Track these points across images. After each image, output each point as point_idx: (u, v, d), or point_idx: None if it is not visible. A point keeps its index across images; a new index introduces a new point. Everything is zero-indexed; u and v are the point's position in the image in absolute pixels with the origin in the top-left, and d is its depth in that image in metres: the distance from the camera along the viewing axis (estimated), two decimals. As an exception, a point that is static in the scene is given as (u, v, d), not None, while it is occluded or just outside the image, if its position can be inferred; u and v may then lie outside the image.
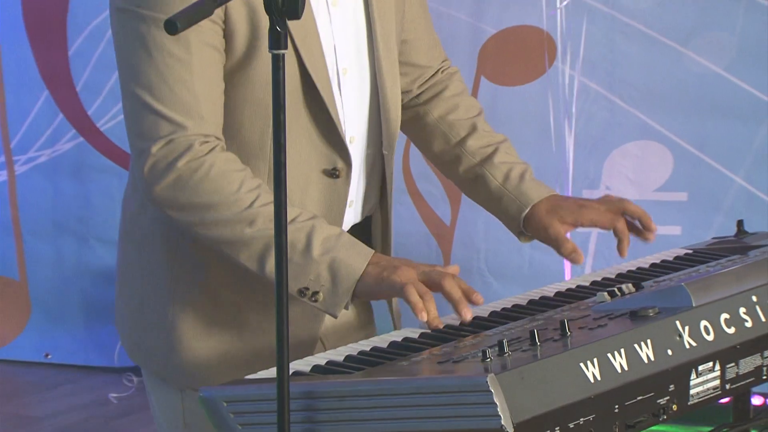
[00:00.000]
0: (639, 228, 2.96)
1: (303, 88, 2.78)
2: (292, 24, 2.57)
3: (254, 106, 2.76)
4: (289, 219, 2.56)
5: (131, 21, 2.69)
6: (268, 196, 2.68)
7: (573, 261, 2.90)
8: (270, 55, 2.50)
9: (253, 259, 2.66)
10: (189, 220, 2.71)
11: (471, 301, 2.63)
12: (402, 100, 3.04)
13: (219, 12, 2.65)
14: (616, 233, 2.94)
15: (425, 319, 2.60)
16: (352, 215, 2.92)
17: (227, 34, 2.71)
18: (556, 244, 2.92)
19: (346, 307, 2.66)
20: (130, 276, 2.93)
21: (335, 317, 2.68)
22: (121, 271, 2.95)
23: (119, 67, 2.76)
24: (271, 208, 2.53)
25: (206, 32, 2.67)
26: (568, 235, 2.94)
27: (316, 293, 2.65)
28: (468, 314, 2.61)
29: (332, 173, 2.83)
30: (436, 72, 3.10)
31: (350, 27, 2.88)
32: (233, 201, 2.66)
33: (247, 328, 2.84)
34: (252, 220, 2.64)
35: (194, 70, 2.68)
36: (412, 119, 3.09)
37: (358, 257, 2.65)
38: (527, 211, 2.94)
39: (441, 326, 2.63)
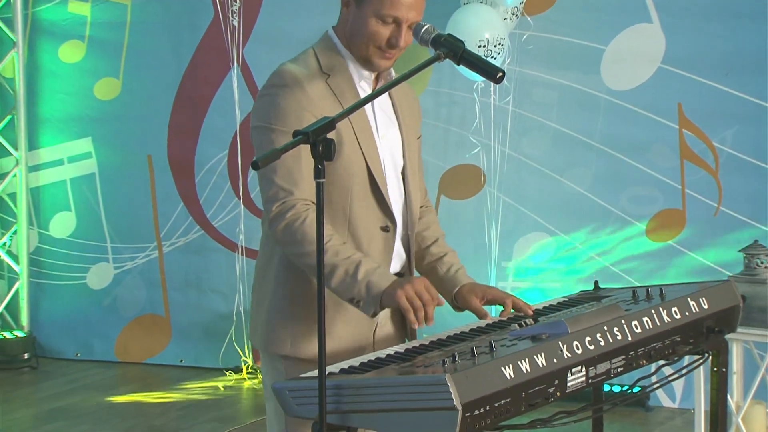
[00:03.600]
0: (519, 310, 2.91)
1: (369, 181, 2.75)
2: (364, 145, 2.73)
3: (338, 188, 2.72)
4: (348, 255, 2.62)
5: (264, 132, 2.69)
6: (336, 239, 2.65)
7: (483, 318, 2.87)
8: (348, 154, 2.67)
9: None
10: (291, 251, 2.66)
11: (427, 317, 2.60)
12: None
13: None
14: (505, 307, 2.88)
15: (416, 327, 2.61)
16: (397, 265, 2.86)
17: None
18: (474, 311, 2.87)
19: (376, 314, 2.61)
20: (260, 299, 2.85)
21: (371, 317, 2.63)
22: (255, 298, 2.88)
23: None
24: (336, 246, 2.62)
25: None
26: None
27: (358, 301, 2.61)
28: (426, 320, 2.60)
29: (385, 228, 2.79)
30: (422, 206, 3.01)
31: (389, 152, 2.84)
32: (314, 240, 2.56)
33: (338, 329, 2.76)
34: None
35: (302, 161, 2.65)
36: None
37: (384, 281, 2.60)
38: (456, 290, 2.89)
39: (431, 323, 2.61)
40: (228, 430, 5.24)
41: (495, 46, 5.06)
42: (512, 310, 2.88)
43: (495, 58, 5.07)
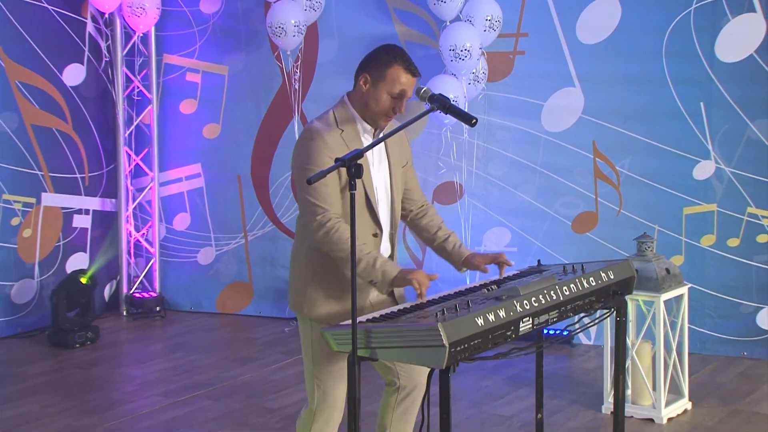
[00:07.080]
0: (504, 264, 2.89)
1: (366, 201, 2.74)
2: (364, 177, 2.65)
3: (345, 207, 2.70)
4: (368, 252, 2.61)
5: (302, 170, 2.68)
6: (361, 242, 2.63)
7: (484, 272, 2.85)
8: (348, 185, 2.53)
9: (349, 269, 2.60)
10: (328, 249, 2.65)
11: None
12: (407, 216, 2.98)
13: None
14: (498, 266, 2.89)
15: (423, 299, 2.60)
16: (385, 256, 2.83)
17: (339, 175, 2.68)
18: (477, 269, 2.86)
19: (387, 291, 2.59)
20: (294, 275, 2.84)
21: (384, 294, 2.62)
22: (291, 273, 2.86)
23: (299, 189, 2.73)
24: (361, 246, 2.58)
25: (335, 173, 2.64)
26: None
27: (376, 283, 2.60)
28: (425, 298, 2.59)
29: (375, 235, 2.78)
30: (423, 206, 3.00)
31: (381, 178, 2.82)
32: (345, 243, 2.59)
33: (344, 298, 2.74)
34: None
35: (329, 186, 2.65)
36: (414, 226, 3.00)
37: (394, 270, 2.60)
38: (463, 258, 2.89)
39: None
40: (292, 359, 5.23)
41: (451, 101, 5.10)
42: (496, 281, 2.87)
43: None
